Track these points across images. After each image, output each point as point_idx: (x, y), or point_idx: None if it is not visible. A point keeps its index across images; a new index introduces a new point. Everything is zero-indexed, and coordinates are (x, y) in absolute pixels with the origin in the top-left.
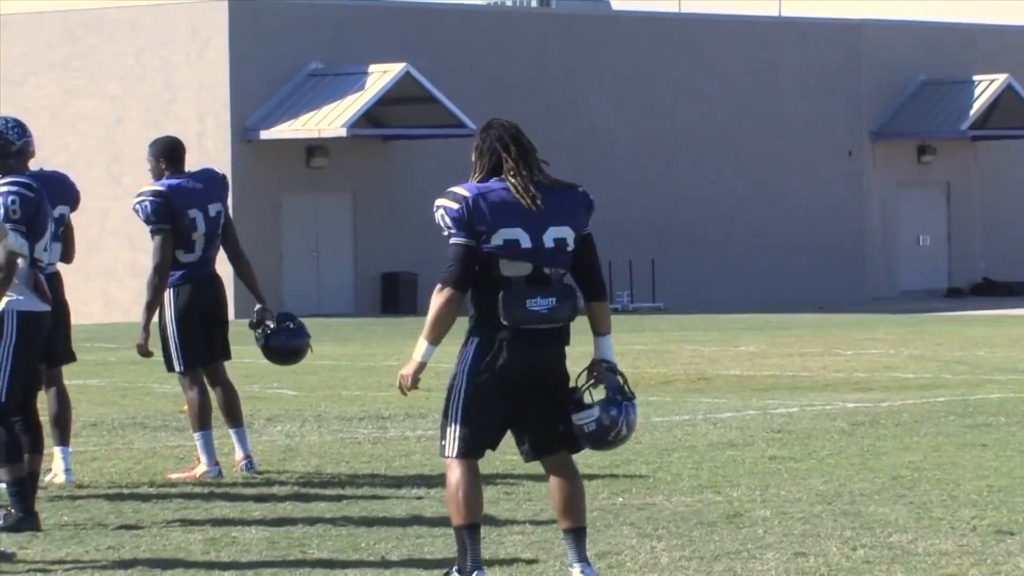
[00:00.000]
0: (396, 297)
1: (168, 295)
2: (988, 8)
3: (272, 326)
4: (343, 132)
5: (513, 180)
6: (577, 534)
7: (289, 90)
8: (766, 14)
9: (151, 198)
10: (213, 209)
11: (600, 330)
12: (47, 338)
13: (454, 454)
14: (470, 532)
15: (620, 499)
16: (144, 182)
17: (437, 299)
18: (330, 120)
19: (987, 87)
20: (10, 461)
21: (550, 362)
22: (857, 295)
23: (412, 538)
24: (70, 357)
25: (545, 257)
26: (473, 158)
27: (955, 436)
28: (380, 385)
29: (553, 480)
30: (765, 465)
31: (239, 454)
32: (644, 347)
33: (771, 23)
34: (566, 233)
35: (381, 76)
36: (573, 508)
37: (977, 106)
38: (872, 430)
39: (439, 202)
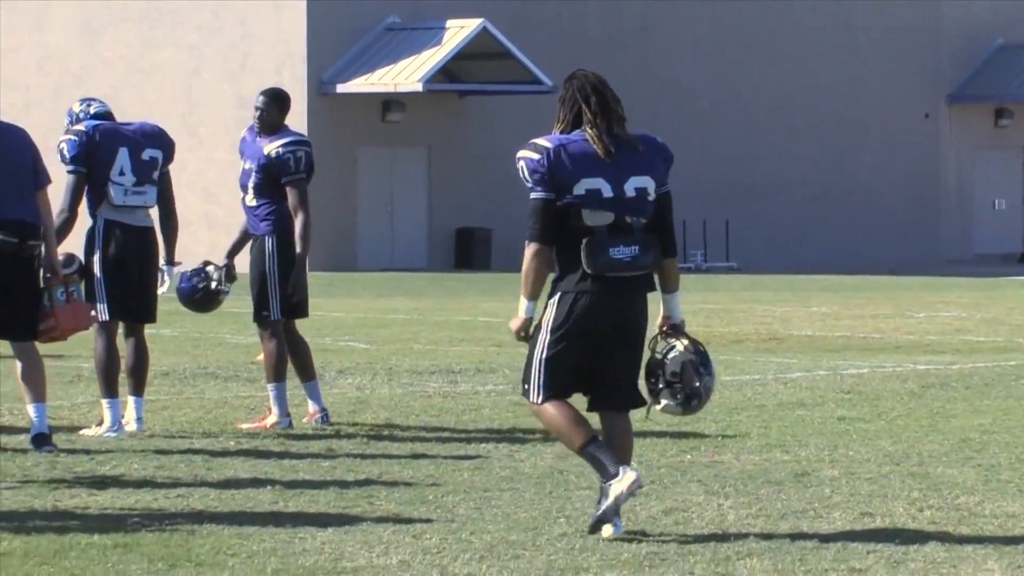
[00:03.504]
0: (470, 252)
1: (272, 244)
2: None
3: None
4: (419, 87)
5: (591, 131)
6: None
7: (366, 44)
8: None
9: (307, 148)
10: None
11: (669, 287)
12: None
13: (539, 401)
14: (595, 445)
15: (688, 456)
16: (218, 133)
17: (527, 256)
18: (406, 75)
19: None
20: None
21: (633, 312)
22: (931, 258)
23: (479, 491)
24: (149, 317)
25: (626, 206)
26: (557, 109)
27: None
28: (451, 340)
29: (608, 435)
30: (834, 425)
31: (313, 407)
32: (716, 306)
33: None
34: (647, 183)
35: (458, 31)
36: (621, 451)
37: None
38: (942, 392)
39: (520, 154)
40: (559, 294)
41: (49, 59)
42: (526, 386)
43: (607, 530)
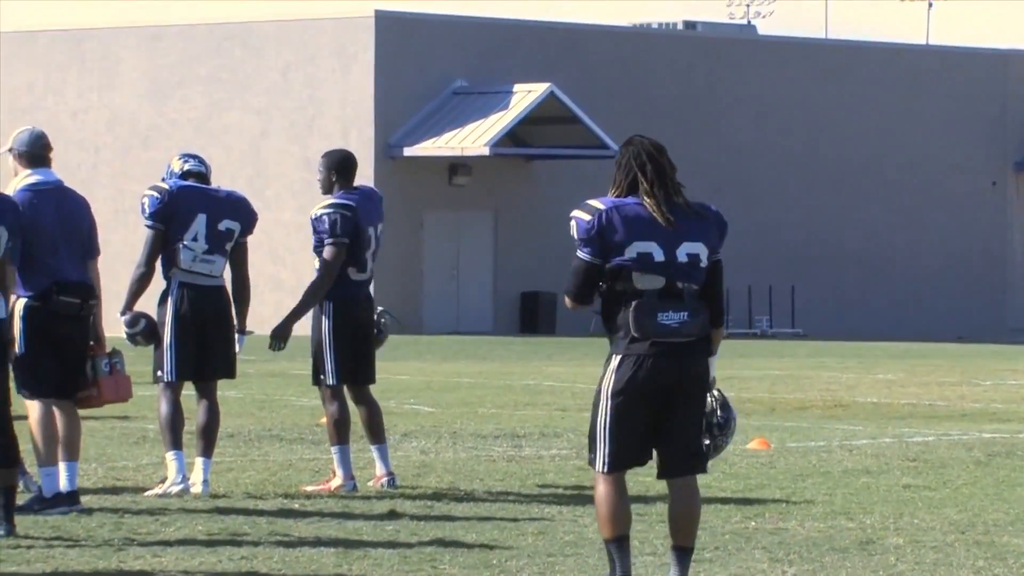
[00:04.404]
0: (535, 317)
1: (328, 309)
2: None
3: None
4: (486, 151)
5: (648, 200)
6: (685, 553)
7: (433, 107)
8: (913, 42)
9: (343, 212)
10: (380, 228)
11: (710, 351)
12: (201, 351)
13: (604, 469)
14: (618, 545)
15: (753, 523)
16: (285, 195)
17: (568, 305)
18: (473, 138)
19: None
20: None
21: (693, 371)
22: (997, 326)
23: (543, 556)
24: (228, 373)
25: (678, 271)
26: (614, 172)
27: None
28: (516, 404)
29: (675, 499)
30: (899, 493)
31: (380, 470)
32: (782, 372)
33: (918, 51)
34: (699, 249)
35: (525, 95)
36: (687, 527)
37: None
38: (1008, 461)
39: (574, 213)
40: (618, 358)
41: (117, 120)
42: (591, 455)
43: None
